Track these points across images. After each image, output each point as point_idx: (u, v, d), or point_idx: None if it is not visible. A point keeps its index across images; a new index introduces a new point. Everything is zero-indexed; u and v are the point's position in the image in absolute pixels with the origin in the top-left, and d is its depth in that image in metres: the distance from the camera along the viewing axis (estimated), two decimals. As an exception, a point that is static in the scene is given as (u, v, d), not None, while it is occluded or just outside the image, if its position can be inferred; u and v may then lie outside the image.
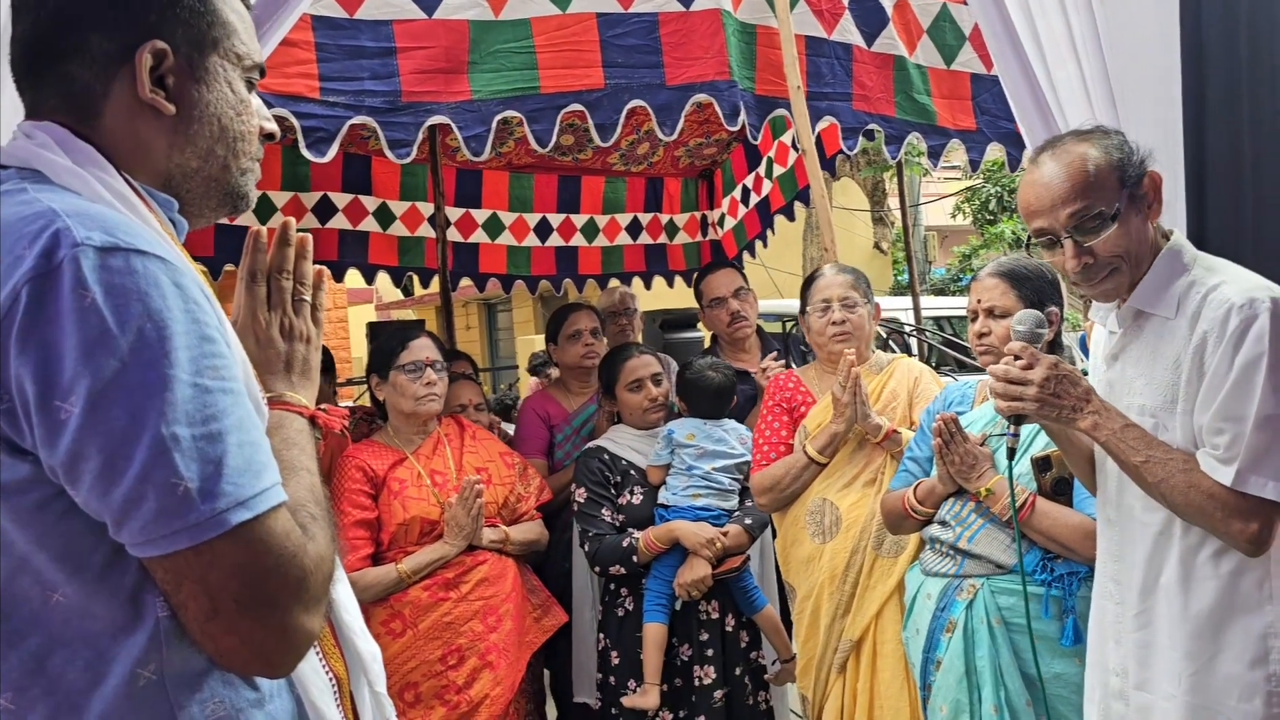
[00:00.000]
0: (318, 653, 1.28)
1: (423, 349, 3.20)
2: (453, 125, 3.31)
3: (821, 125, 4.14)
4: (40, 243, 1.00)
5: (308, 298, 1.35)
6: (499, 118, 3.35)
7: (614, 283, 6.43)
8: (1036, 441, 2.49)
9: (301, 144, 3.14)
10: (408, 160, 3.40)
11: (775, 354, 3.93)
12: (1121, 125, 2.23)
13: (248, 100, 1.28)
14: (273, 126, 1.34)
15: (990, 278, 2.61)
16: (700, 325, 5.28)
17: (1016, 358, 2.00)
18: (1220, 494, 1.80)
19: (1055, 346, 2.54)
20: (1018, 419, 2.05)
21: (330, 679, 1.28)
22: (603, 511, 3.36)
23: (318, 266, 1.38)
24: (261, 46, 1.38)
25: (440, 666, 3.00)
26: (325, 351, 4.69)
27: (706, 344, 4.91)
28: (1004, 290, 2.56)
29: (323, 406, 1.34)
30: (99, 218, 1.04)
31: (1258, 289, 1.80)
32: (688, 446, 3.34)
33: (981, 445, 2.53)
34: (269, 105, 3.01)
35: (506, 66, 3.34)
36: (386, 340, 3.29)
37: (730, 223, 6.37)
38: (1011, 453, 2.12)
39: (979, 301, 2.60)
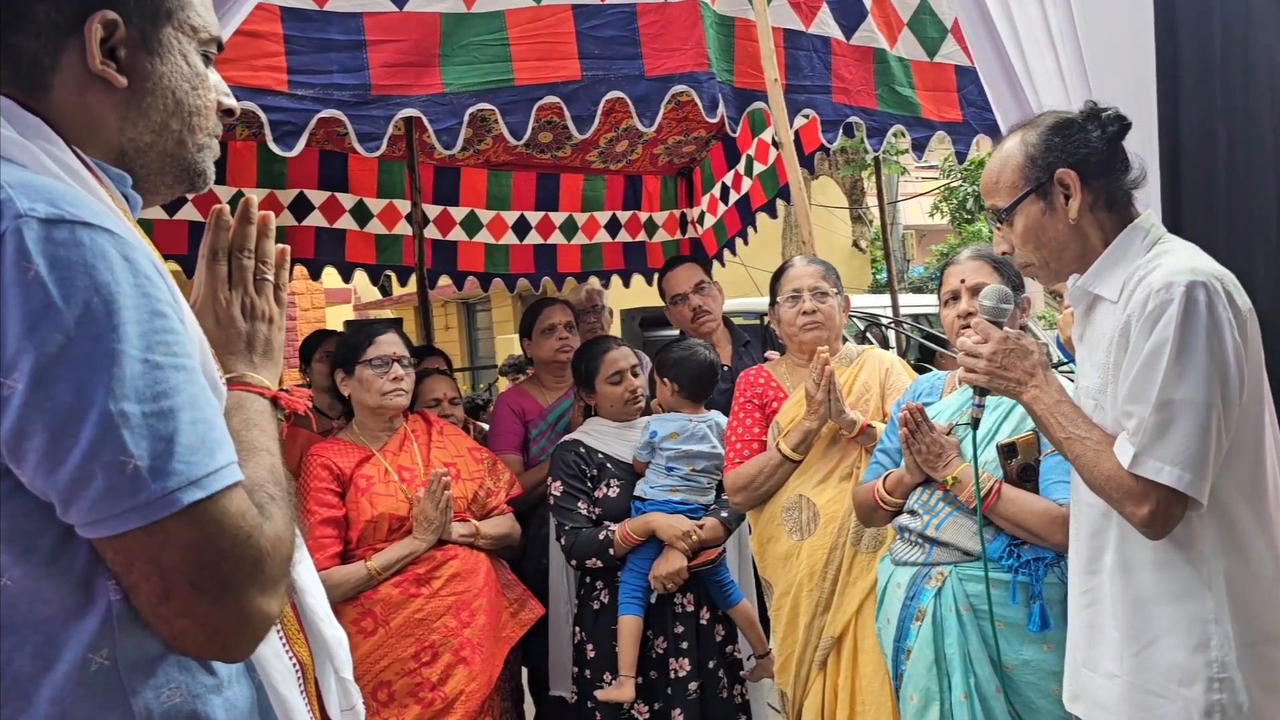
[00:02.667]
0: (281, 638, 1.25)
1: (390, 344, 3.16)
2: (424, 118, 3.27)
3: (800, 120, 4.13)
4: None
5: (270, 277, 1.32)
6: (471, 110, 3.31)
7: (570, 284, 6.41)
8: (1002, 429, 2.51)
9: (269, 137, 3.10)
10: (378, 154, 3.36)
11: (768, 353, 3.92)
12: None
13: (204, 74, 1.25)
14: (231, 102, 1.31)
15: (971, 260, 2.67)
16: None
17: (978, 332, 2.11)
18: (1116, 475, 1.84)
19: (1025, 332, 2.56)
20: (980, 390, 2.16)
21: (294, 664, 1.26)
22: (579, 505, 3.34)
23: (280, 246, 1.35)
24: (222, 27, 1.34)
25: (413, 664, 2.96)
26: (334, 332, 4.64)
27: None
28: (989, 271, 2.61)
29: (285, 388, 1.31)
30: (44, 189, 1.01)
31: (1180, 273, 1.80)
32: (668, 449, 3.31)
33: (948, 434, 2.54)
34: (236, 98, 2.96)
35: (479, 59, 3.29)
36: (353, 335, 3.27)
37: (710, 220, 6.35)
38: (976, 423, 2.24)
39: (961, 281, 2.64)
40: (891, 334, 7.05)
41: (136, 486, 0.97)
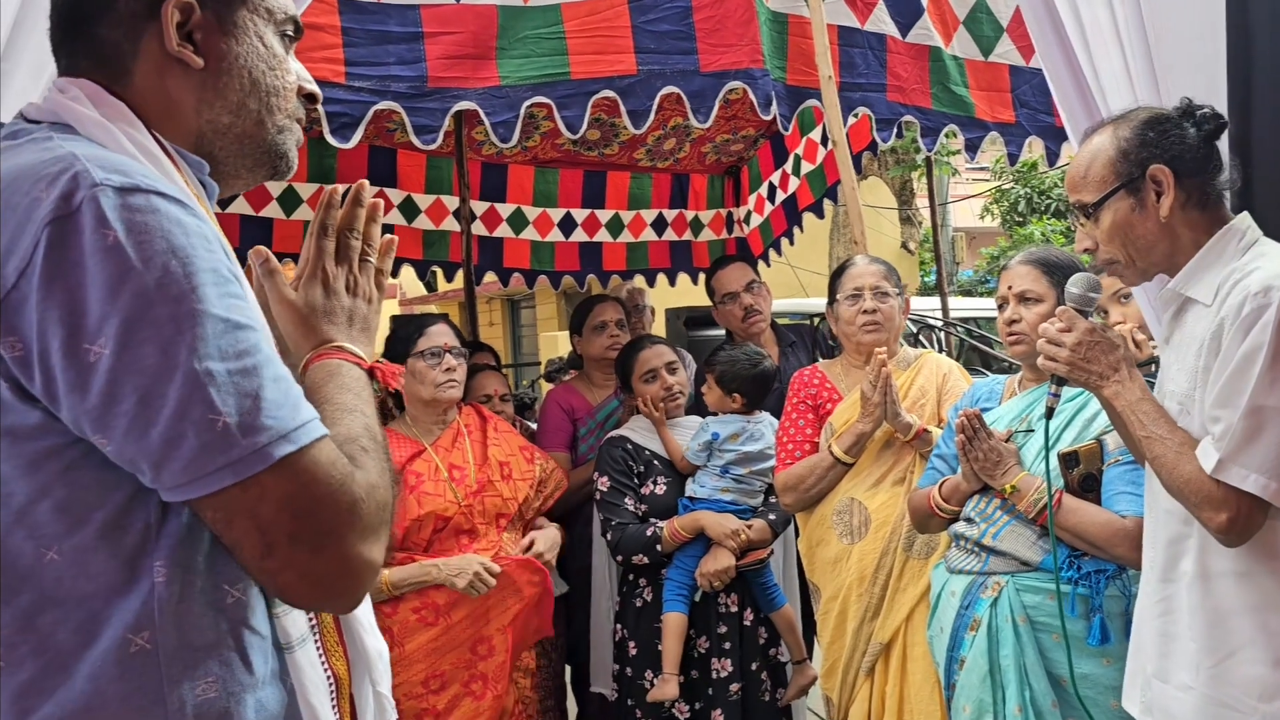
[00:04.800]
0: (318, 648, 1.24)
1: (441, 335, 3.12)
2: (480, 111, 3.27)
3: (853, 119, 4.09)
4: (59, 185, 0.99)
5: (373, 259, 1.34)
6: (528, 105, 3.30)
7: (615, 281, 6.39)
8: (1064, 437, 2.45)
9: (326, 129, 3.11)
10: (434, 147, 3.37)
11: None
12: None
13: (282, 56, 1.27)
14: (314, 87, 1.33)
15: (1021, 265, 2.62)
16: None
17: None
18: (1197, 480, 1.79)
19: None
20: (1058, 379, 2.10)
21: (329, 677, 1.24)
22: (625, 500, 3.33)
23: (387, 236, 1.37)
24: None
25: (421, 689, 2.90)
26: None
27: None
28: (1036, 276, 2.56)
29: (380, 360, 1.32)
30: (118, 163, 1.03)
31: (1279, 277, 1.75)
32: (730, 450, 3.29)
33: (1007, 441, 2.49)
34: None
35: (536, 53, 3.29)
36: (403, 327, 3.23)
37: (756, 220, 6.32)
38: (1051, 412, 2.16)
39: (1009, 288, 2.60)
40: (942, 336, 6.97)
41: (228, 443, 0.99)
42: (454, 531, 3.02)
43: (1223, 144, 2.31)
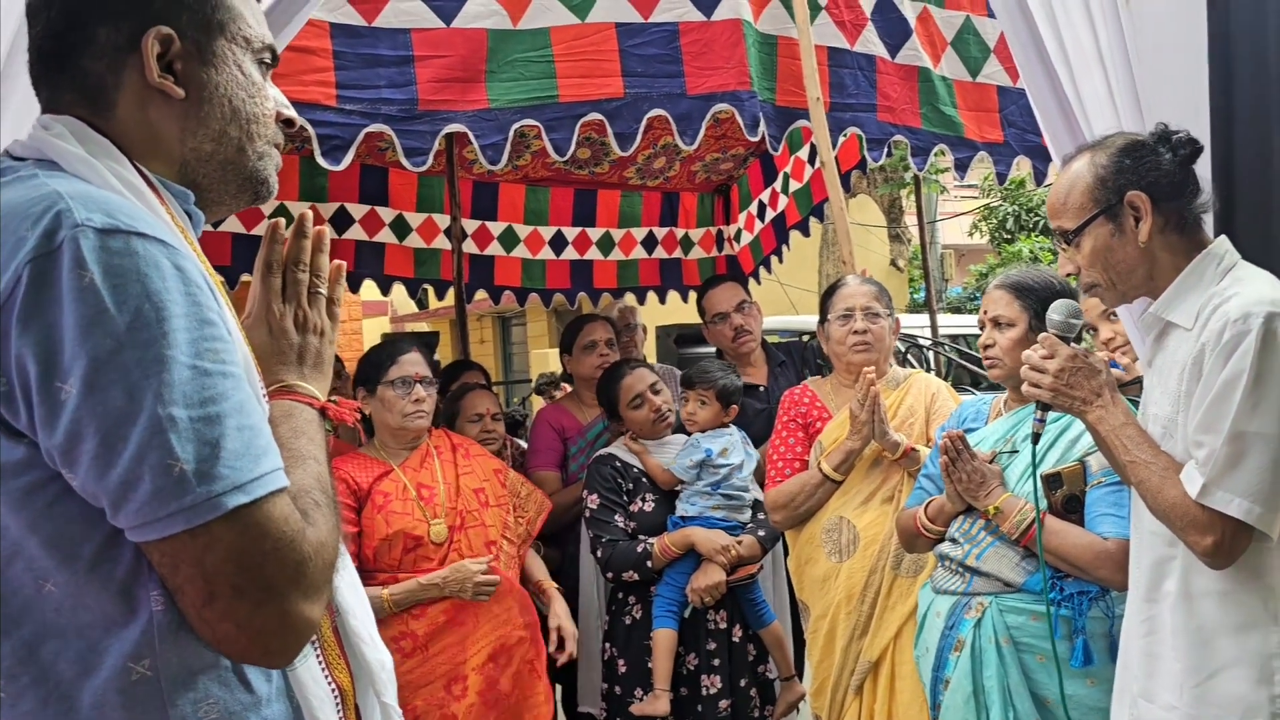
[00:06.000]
0: (320, 662, 1.25)
1: (412, 364, 3.10)
2: (469, 134, 3.29)
3: (843, 138, 4.12)
4: (43, 224, 1.00)
5: (324, 291, 1.34)
6: (516, 127, 3.32)
7: (605, 299, 6.41)
8: (1048, 459, 2.46)
9: (316, 152, 3.12)
10: (423, 169, 3.39)
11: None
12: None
13: (260, 83, 1.28)
14: (291, 113, 1.34)
15: (996, 290, 2.66)
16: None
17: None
18: (1182, 504, 1.81)
19: None
20: (1043, 405, 2.13)
21: (333, 689, 1.26)
22: (615, 518, 3.35)
23: (336, 262, 1.37)
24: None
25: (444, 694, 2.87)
26: (336, 360, 4.68)
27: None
28: (1008, 301, 2.60)
29: (333, 399, 1.33)
30: (102, 201, 1.05)
31: (1260, 303, 1.77)
32: (722, 465, 3.30)
33: (991, 463, 2.51)
34: (286, 112, 3.00)
35: (524, 75, 3.31)
36: (375, 353, 3.22)
37: (746, 238, 6.35)
38: (1036, 437, 2.19)
39: (985, 313, 2.65)
40: (930, 355, 7.00)
41: (183, 489, 0.99)
42: (424, 551, 2.98)
43: (1205, 165, 2.33)
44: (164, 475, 0.99)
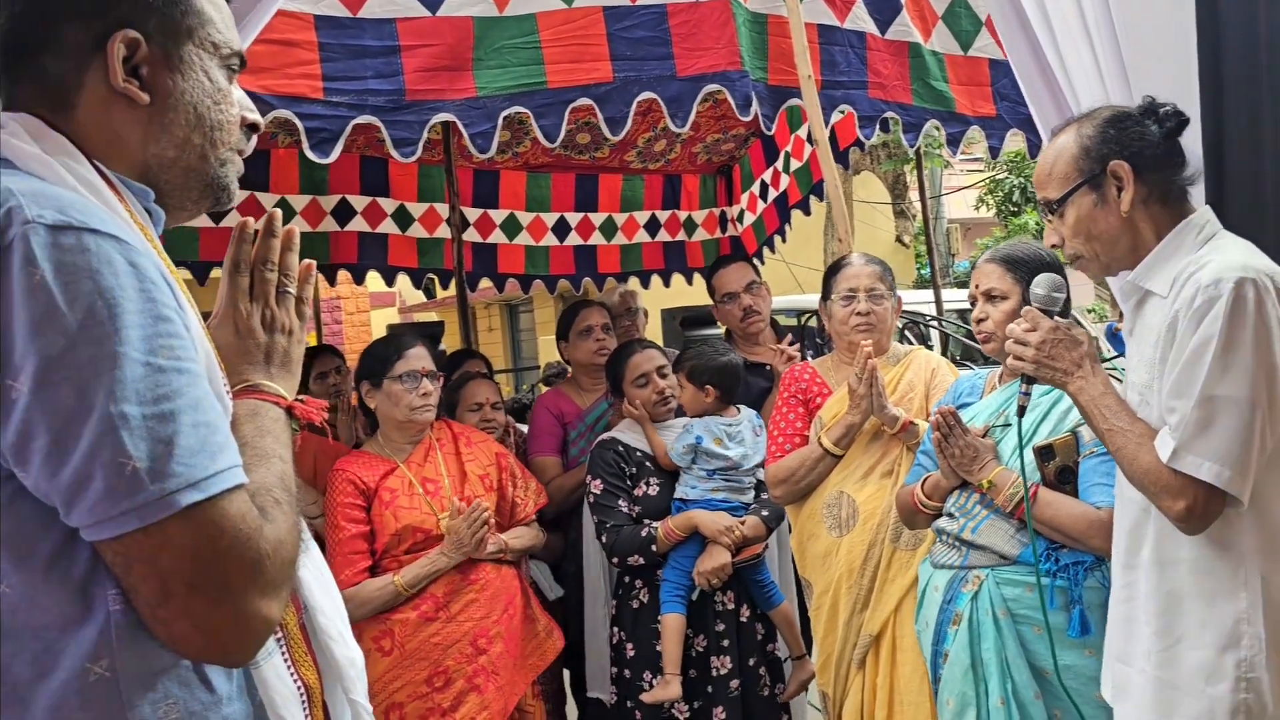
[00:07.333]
0: (286, 660, 1.25)
1: (419, 359, 3.13)
2: (458, 122, 3.28)
3: (836, 115, 4.10)
4: None
5: (292, 290, 1.33)
6: (506, 114, 3.32)
7: (610, 284, 6.41)
8: (1040, 430, 2.47)
9: (305, 145, 3.13)
10: (414, 159, 3.38)
11: (790, 338, 3.90)
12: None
13: (227, 90, 1.27)
14: (255, 117, 1.33)
15: (986, 263, 2.67)
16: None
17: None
18: (1155, 469, 1.82)
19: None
20: (1028, 378, 2.15)
21: (299, 687, 1.25)
22: (619, 502, 3.35)
23: (305, 261, 1.36)
24: (241, 37, 1.35)
25: (426, 688, 2.93)
26: (335, 350, 4.69)
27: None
28: (1000, 274, 2.61)
29: (300, 397, 1.32)
30: (54, 197, 1.03)
31: (1230, 269, 1.77)
32: (716, 456, 3.31)
33: (984, 437, 2.52)
34: (272, 106, 2.99)
35: (512, 62, 3.30)
36: (379, 347, 3.24)
37: (749, 218, 6.33)
38: (1022, 410, 2.22)
39: (976, 286, 2.66)
40: (933, 331, 6.98)
41: (135, 488, 0.99)
42: (433, 544, 3.03)
43: (1195, 136, 2.32)
44: (116, 473, 0.98)
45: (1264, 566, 1.82)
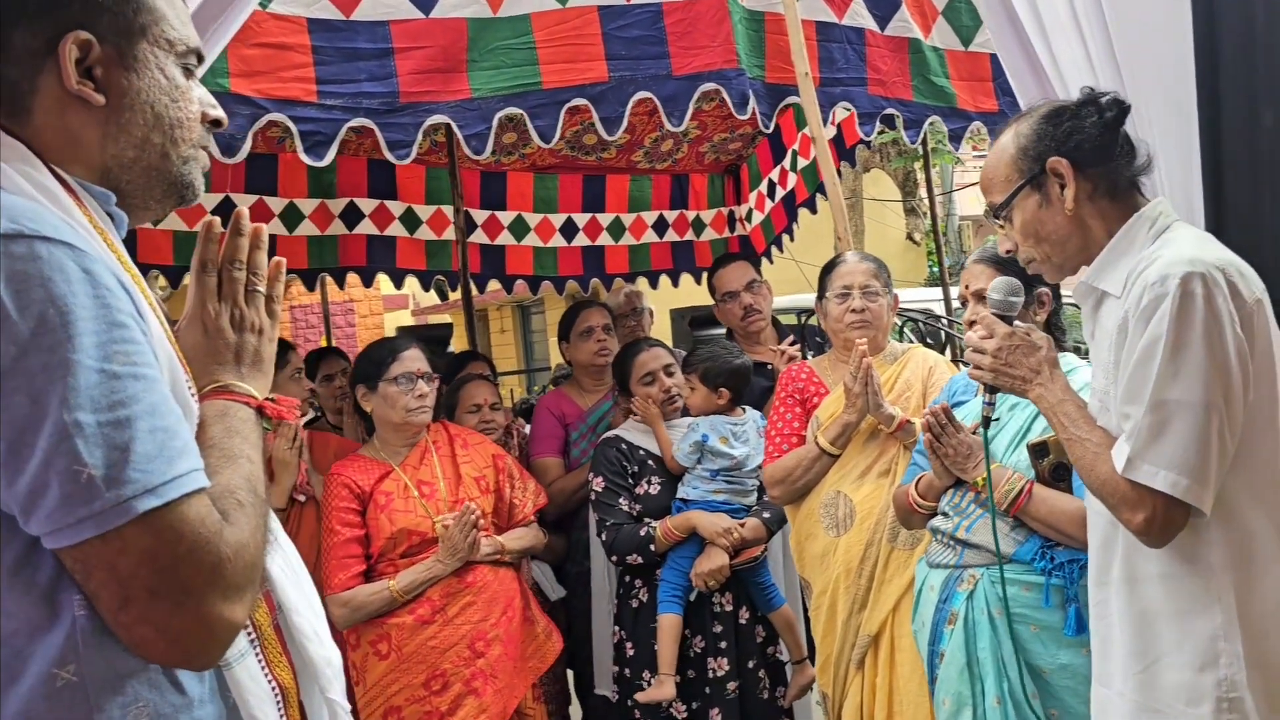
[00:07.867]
0: (260, 661, 1.25)
1: (414, 360, 3.14)
2: (453, 124, 3.28)
3: (841, 115, 4.07)
4: None
5: (262, 289, 1.33)
6: (500, 115, 3.31)
7: (618, 284, 6.40)
8: (1035, 427, 2.44)
9: (299, 148, 3.13)
10: (408, 160, 3.38)
11: (791, 338, 3.89)
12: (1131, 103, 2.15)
13: (185, 87, 1.26)
14: (218, 113, 1.32)
15: (976, 263, 2.63)
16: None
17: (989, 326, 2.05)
18: (1112, 480, 1.75)
19: (1051, 327, 2.53)
20: (990, 388, 2.11)
21: (273, 688, 1.25)
22: (620, 501, 3.35)
23: (275, 259, 1.35)
24: (212, 42, 1.35)
25: (423, 691, 2.93)
26: (341, 352, 4.70)
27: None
28: (990, 274, 2.54)
29: (271, 396, 1.31)
30: (6, 206, 1.03)
31: (1177, 264, 1.69)
32: (721, 455, 3.29)
33: (975, 434, 2.48)
34: (266, 110, 3.00)
35: (506, 63, 3.29)
36: (375, 350, 3.25)
37: (758, 217, 6.31)
38: (987, 422, 2.20)
39: (967, 287, 2.61)
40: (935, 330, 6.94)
41: (91, 495, 0.98)
42: (428, 546, 3.03)
43: (1191, 127, 2.28)
44: (71, 481, 0.98)
45: (1237, 579, 1.73)
